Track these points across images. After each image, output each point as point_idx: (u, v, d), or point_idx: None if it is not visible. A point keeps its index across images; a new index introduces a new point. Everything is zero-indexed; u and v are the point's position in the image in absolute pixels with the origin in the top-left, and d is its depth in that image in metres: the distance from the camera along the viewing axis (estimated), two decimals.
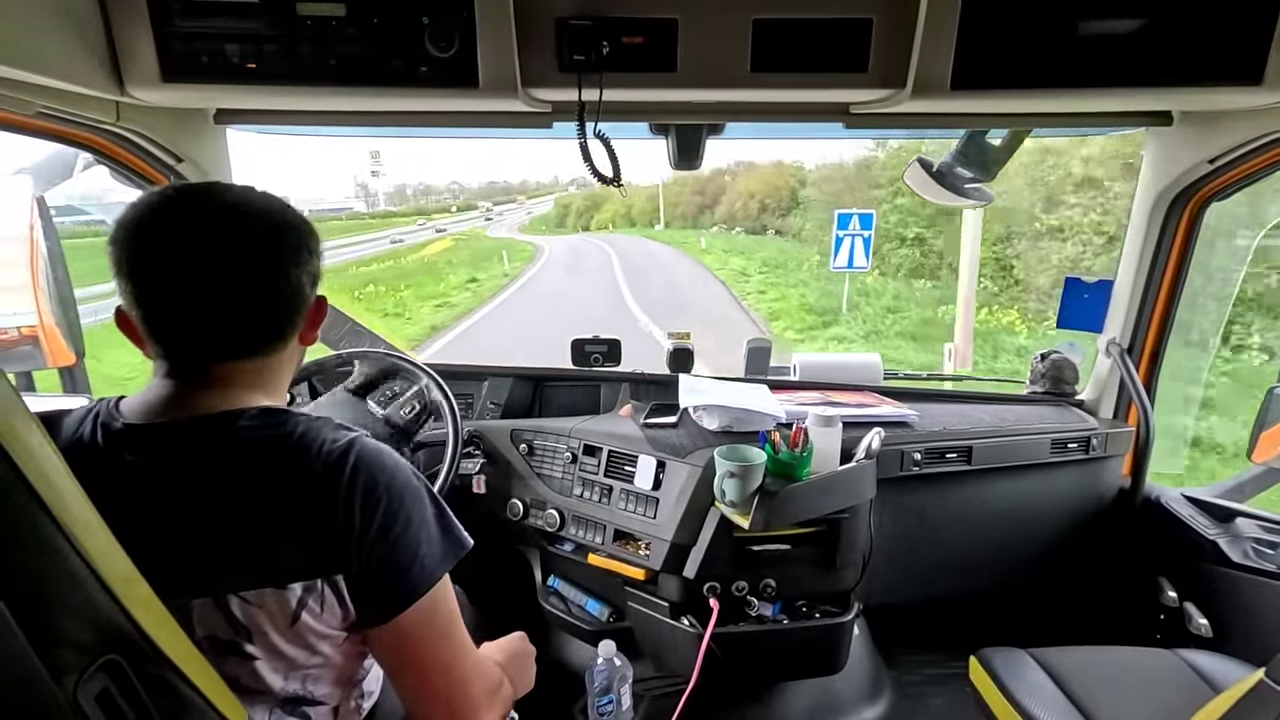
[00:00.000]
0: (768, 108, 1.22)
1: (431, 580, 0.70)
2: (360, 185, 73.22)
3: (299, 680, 0.70)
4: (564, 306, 13.31)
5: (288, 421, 0.69)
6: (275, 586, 0.64)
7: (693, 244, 24.05)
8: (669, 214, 35.76)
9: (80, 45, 0.95)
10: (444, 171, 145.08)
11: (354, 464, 0.67)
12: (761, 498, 1.16)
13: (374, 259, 26.10)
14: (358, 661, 0.76)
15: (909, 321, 9.91)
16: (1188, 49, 1.00)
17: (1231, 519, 1.48)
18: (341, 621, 0.69)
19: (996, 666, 1.21)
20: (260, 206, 0.71)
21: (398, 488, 0.69)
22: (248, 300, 0.68)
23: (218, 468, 0.65)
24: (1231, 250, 3.12)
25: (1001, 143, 1.42)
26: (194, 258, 0.65)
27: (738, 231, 24.94)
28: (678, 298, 13.77)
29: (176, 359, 0.69)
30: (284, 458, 0.67)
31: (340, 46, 1.00)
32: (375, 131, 1.32)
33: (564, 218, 51.22)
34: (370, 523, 0.66)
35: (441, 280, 18.28)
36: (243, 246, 0.67)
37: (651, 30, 1.03)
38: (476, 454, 1.55)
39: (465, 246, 30.60)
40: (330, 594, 0.66)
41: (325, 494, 0.65)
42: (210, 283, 0.66)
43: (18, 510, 0.44)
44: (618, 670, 1.29)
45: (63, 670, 0.45)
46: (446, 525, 0.74)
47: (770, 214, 22.70)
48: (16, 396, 0.46)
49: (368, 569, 0.66)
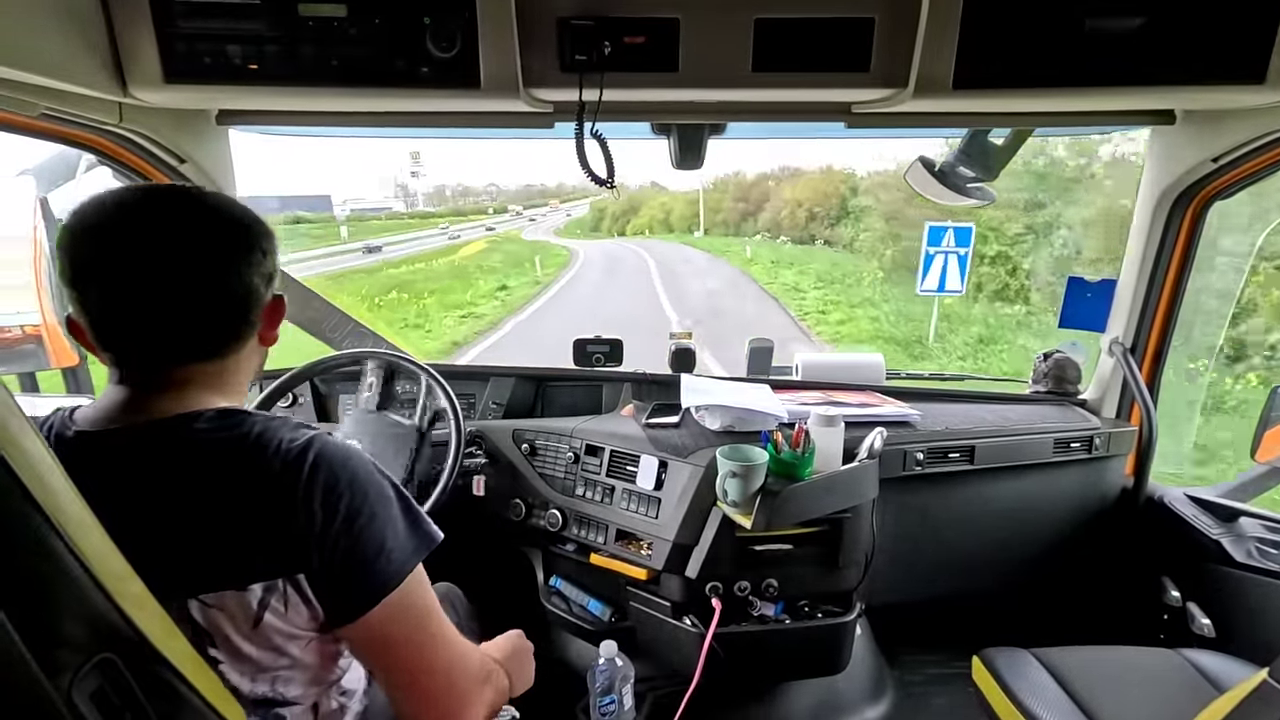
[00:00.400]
0: (769, 107, 1.21)
1: (400, 575, 0.69)
2: (400, 186, 72.44)
3: (268, 682, 0.69)
4: (597, 320, 11.83)
5: (244, 422, 0.68)
6: (235, 588, 0.63)
7: (736, 252, 22.41)
8: (708, 220, 34.53)
9: (83, 46, 0.95)
10: (482, 173, 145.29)
11: (314, 461, 0.66)
12: (764, 498, 1.16)
13: (403, 261, 25.07)
14: (332, 661, 0.76)
15: (1011, 354, 8.14)
16: (1191, 48, 1.00)
17: (1235, 519, 1.48)
18: (309, 621, 0.68)
19: (999, 666, 1.20)
20: (209, 206, 0.70)
21: (360, 483, 0.68)
22: (199, 302, 0.67)
23: (173, 471, 0.64)
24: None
25: (1004, 142, 1.41)
26: (140, 261, 0.64)
27: (783, 240, 23.80)
28: (725, 317, 11.65)
29: (129, 364, 0.68)
30: (241, 458, 0.65)
31: (342, 47, 1.00)
32: (376, 132, 1.32)
33: (599, 221, 50.55)
34: (332, 519, 0.65)
35: (470, 287, 17.28)
36: (191, 247, 0.66)
37: (653, 30, 1.02)
38: (479, 454, 1.55)
39: (498, 249, 29.38)
40: (294, 593, 0.65)
41: (284, 491, 0.64)
42: (159, 285, 0.65)
43: (12, 511, 0.44)
44: (619, 670, 1.29)
45: (58, 669, 0.45)
46: (414, 519, 0.73)
47: (819, 223, 21.75)
48: (10, 398, 0.46)
49: (331, 566, 0.65)
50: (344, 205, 59.92)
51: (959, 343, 8.87)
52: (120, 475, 0.63)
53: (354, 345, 1.82)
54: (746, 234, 27.81)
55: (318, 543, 0.65)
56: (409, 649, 0.71)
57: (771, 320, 11.36)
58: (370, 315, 12.47)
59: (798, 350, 1.78)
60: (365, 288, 17.05)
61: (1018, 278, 9.91)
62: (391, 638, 0.70)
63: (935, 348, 8.74)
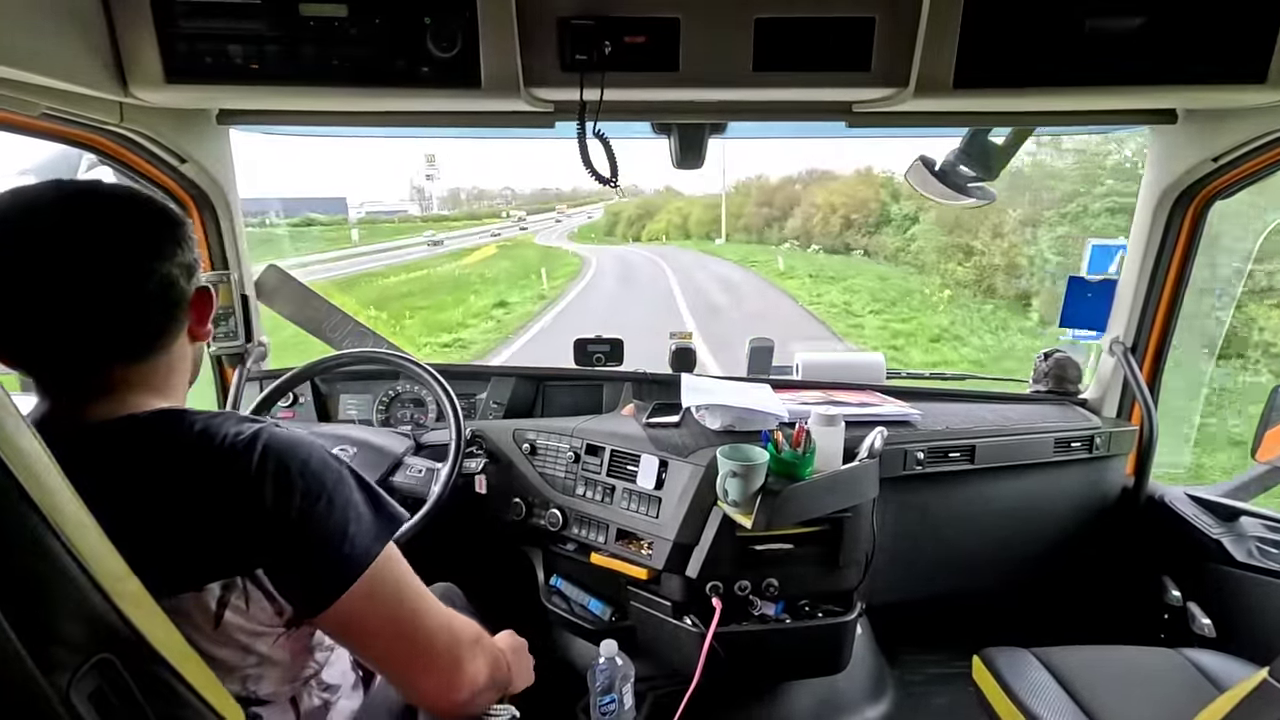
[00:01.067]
0: (770, 107, 1.22)
1: (366, 558, 0.67)
2: (416, 189, 70.88)
3: (238, 682, 0.67)
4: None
5: (184, 420, 0.65)
6: (193, 590, 0.61)
7: (765, 263, 19.82)
8: (730, 225, 32.33)
9: (84, 46, 0.95)
10: (497, 176, 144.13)
11: (261, 452, 0.63)
12: (764, 497, 1.16)
13: (397, 269, 22.17)
14: (305, 655, 0.74)
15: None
16: (1192, 47, 1.00)
17: (1236, 518, 1.48)
18: (274, 617, 0.66)
19: (999, 666, 1.20)
20: (104, 199, 0.66)
21: (313, 470, 0.65)
22: (112, 301, 0.64)
23: (113, 476, 0.60)
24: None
25: (1004, 141, 1.41)
26: (40, 263, 0.61)
27: (815, 249, 21.44)
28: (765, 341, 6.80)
29: (45, 374, 0.66)
30: (184, 455, 0.63)
31: (343, 47, 1.00)
32: (377, 132, 1.32)
33: (614, 225, 49.53)
34: (286, 509, 0.63)
35: (463, 303, 14.93)
36: (94, 243, 0.63)
37: (653, 30, 1.02)
38: (479, 454, 1.55)
39: (507, 255, 27.23)
40: (254, 589, 0.63)
41: (232, 484, 0.62)
42: (64, 288, 0.61)
43: (9, 510, 0.44)
44: (620, 669, 1.29)
45: (56, 669, 0.45)
46: (378, 503, 0.70)
47: (855, 230, 19.68)
48: (7, 398, 0.46)
49: (290, 557, 0.63)
50: (360, 208, 58.39)
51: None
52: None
53: (354, 345, 1.82)
54: (771, 241, 25.37)
55: (273, 534, 0.63)
56: (390, 628, 0.70)
57: (821, 347, 8.32)
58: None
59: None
60: (340, 301, 14.88)
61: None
62: (368, 621, 0.68)
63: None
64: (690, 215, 39.70)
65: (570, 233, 49.67)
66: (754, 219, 30.48)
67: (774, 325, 11.26)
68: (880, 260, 16.65)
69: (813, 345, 9.73)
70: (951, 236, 12.56)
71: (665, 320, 11.92)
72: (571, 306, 15.15)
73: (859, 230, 19.92)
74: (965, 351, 8.67)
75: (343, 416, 1.77)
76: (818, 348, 2.14)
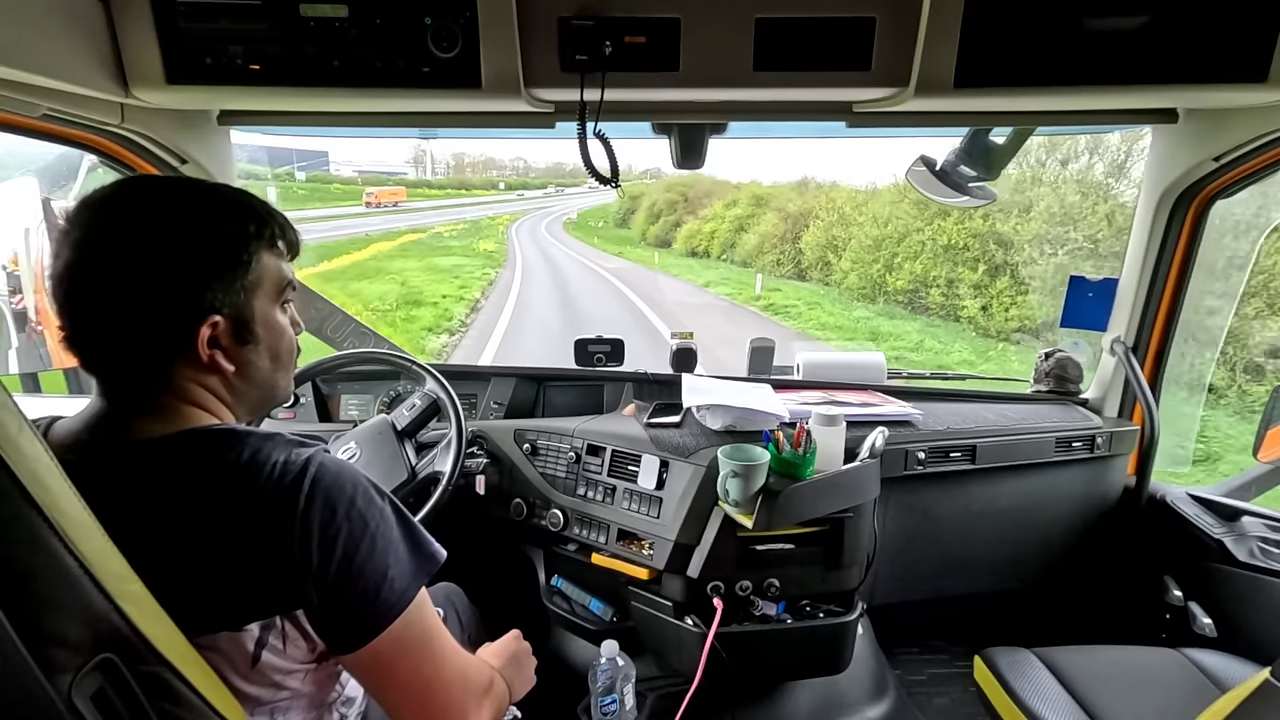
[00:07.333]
0: (770, 107, 1.21)
1: (403, 603, 0.66)
2: (421, 150, 65.93)
3: (266, 714, 0.66)
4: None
5: (236, 443, 0.63)
6: (230, 629, 0.60)
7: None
8: (747, 252, 17.98)
9: (85, 47, 0.95)
10: (511, 145, 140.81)
11: (309, 489, 0.62)
12: (765, 497, 1.16)
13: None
14: (331, 683, 0.74)
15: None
16: (1193, 47, 1.00)
17: (1237, 518, 1.47)
18: (309, 654, 0.65)
19: (1001, 666, 1.20)
20: (197, 195, 0.67)
21: (359, 511, 0.64)
22: (173, 307, 0.63)
23: (157, 504, 0.59)
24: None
25: (1005, 141, 1.41)
26: (103, 263, 0.62)
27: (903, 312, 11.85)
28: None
29: (111, 376, 0.64)
30: (231, 484, 0.61)
31: (343, 48, 1.00)
32: (378, 132, 1.32)
33: (629, 214, 32.04)
34: (331, 552, 0.61)
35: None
36: (162, 245, 0.63)
37: (654, 30, 1.02)
38: (480, 454, 1.55)
39: (407, 256, 17.87)
40: (292, 629, 0.63)
41: (278, 524, 0.60)
42: (123, 289, 0.62)
43: (10, 511, 0.44)
44: (621, 670, 1.29)
45: (58, 669, 0.45)
46: (416, 542, 0.70)
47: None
48: (9, 398, 0.46)
49: (331, 600, 0.62)
50: (343, 164, 53.74)
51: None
52: (98, 508, 0.52)
53: (355, 345, 1.82)
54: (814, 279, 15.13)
55: (317, 578, 0.61)
56: (411, 671, 0.69)
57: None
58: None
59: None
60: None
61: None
62: (394, 662, 0.67)
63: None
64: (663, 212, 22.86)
65: (568, 219, 36.43)
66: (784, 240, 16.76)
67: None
68: (906, 311, 11.68)
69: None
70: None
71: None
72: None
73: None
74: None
75: (344, 417, 1.77)
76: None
